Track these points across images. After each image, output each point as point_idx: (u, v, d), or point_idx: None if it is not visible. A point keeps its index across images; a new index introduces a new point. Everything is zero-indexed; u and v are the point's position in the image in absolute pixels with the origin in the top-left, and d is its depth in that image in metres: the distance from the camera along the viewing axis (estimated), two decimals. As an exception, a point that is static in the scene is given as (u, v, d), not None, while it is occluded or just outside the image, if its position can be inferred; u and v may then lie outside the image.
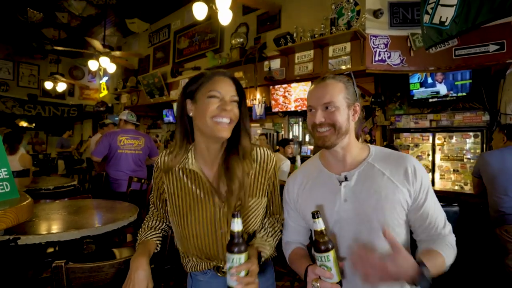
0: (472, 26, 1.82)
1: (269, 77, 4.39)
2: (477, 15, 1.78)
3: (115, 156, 3.18)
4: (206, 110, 0.88)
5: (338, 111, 0.90)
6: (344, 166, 0.95)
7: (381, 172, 0.90)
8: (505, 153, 2.41)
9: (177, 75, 6.21)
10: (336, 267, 0.78)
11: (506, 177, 2.31)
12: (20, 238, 1.22)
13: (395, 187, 0.88)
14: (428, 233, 0.91)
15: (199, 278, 1.03)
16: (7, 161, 1.09)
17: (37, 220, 1.55)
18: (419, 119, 4.09)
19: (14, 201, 1.02)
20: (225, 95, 0.90)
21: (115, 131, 3.35)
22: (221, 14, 2.92)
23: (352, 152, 0.95)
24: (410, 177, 0.88)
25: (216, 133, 0.88)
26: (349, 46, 3.62)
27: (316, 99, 0.92)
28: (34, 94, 9.11)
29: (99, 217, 1.80)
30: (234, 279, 0.78)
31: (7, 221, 0.89)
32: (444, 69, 3.44)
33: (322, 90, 0.92)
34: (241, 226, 0.80)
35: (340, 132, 0.90)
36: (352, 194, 0.90)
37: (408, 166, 0.89)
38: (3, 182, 1.05)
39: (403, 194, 0.88)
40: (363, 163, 0.93)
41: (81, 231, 1.38)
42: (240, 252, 0.78)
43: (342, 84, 0.93)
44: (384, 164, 0.92)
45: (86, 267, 0.88)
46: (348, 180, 0.91)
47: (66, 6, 5.69)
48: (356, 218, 0.88)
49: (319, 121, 0.90)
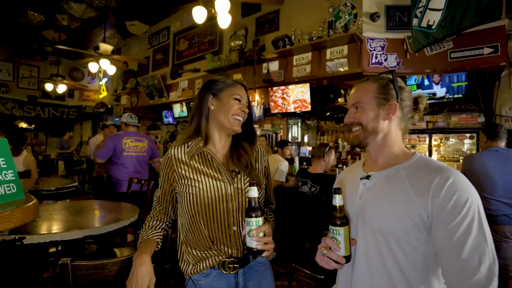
0: (457, 30, 1.87)
1: (268, 79, 4.43)
2: (462, 19, 1.82)
3: (121, 158, 3.24)
4: (231, 109, 1.07)
5: (364, 111, 0.90)
6: (376, 166, 0.94)
7: (403, 179, 0.83)
8: (484, 157, 2.42)
9: (176, 77, 6.25)
10: (346, 243, 0.82)
11: (490, 181, 2.33)
12: (25, 237, 1.26)
13: (408, 196, 0.80)
14: (460, 281, 0.71)
15: (201, 282, 1.04)
16: (13, 163, 1.13)
17: (41, 221, 1.59)
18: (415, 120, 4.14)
19: (20, 201, 1.07)
20: (243, 99, 1.11)
21: (119, 133, 3.42)
22: (220, 17, 2.96)
23: (386, 154, 0.92)
24: (433, 189, 0.76)
25: (233, 127, 1.08)
26: (347, 48, 3.67)
27: (349, 100, 0.97)
28: (33, 96, 9.13)
29: (101, 217, 1.84)
30: (254, 240, 0.88)
31: (15, 221, 0.92)
32: (439, 72, 3.50)
33: (354, 91, 0.95)
34: (257, 193, 0.90)
35: (367, 131, 0.90)
36: (367, 193, 0.90)
37: (439, 177, 0.76)
38: (9, 183, 1.09)
39: (416, 207, 0.77)
40: (393, 167, 0.88)
41: (84, 231, 1.42)
42: (257, 216, 0.89)
43: (375, 84, 0.92)
44: (413, 173, 0.83)
45: (90, 264, 0.93)
46: (370, 180, 0.91)
47: (66, 8, 5.73)
48: (364, 217, 0.88)
49: (348, 120, 0.94)
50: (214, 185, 1.04)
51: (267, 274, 1.15)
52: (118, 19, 6.67)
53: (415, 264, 0.79)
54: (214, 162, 1.07)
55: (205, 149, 1.08)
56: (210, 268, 1.03)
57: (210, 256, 1.03)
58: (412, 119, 0.95)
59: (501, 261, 2.26)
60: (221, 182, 1.04)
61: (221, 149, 1.13)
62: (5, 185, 1.07)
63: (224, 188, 1.04)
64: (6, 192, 1.07)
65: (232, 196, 1.04)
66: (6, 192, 1.07)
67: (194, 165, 1.06)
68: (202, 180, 1.04)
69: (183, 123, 7.45)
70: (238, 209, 1.04)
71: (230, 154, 1.12)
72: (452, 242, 0.72)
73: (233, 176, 1.07)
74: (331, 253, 0.83)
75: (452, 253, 0.72)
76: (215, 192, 1.03)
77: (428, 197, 0.76)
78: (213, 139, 1.12)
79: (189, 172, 1.05)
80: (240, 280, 1.06)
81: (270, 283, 1.16)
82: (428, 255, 0.79)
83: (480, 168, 2.41)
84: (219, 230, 1.03)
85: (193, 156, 1.07)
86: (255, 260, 1.10)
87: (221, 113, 1.08)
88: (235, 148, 1.13)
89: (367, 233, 0.86)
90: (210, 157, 1.08)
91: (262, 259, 1.13)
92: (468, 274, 0.70)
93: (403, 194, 0.80)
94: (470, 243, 0.71)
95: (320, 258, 0.86)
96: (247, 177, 1.08)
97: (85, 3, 5.61)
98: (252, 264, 1.10)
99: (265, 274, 1.13)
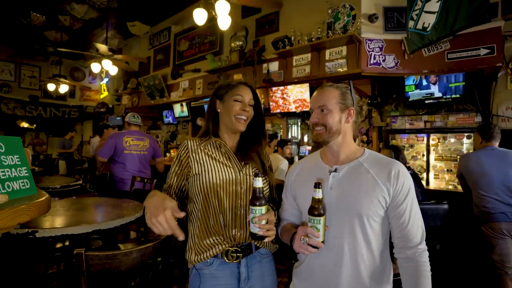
0: (450, 32, 1.93)
1: (268, 79, 4.49)
2: (454, 22, 1.88)
3: (122, 156, 3.30)
4: (232, 109, 1.15)
5: (330, 114, 1.05)
6: (337, 161, 1.09)
7: (367, 170, 1.02)
8: (480, 156, 2.46)
9: (177, 77, 6.31)
10: (323, 231, 0.94)
11: (487, 179, 2.37)
12: (37, 231, 1.32)
13: (376, 183, 0.99)
14: (405, 244, 0.99)
15: (204, 271, 1.07)
16: (27, 161, 1.20)
17: (50, 216, 1.65)
18: (414, 120, 4.20)
19: (33, 196, 1.13)
20: (245, 98, 1.18)
21: (121, 132, 3.50)
22: (220, 19, 3.02)
23: (345, 150, 1.09)
24: (392, 177, 0.99)
25: (236, 127, 1.16)
26: (345, 49, 3.72)
27: (314, 102, 1.11)
28: (35, 96, 9.19)
29: (108, 213, 1.90)
30: (257, 226, 0.94)
31: (31, 214, 0.98)
32: (437, 72, 3.55)
33: (320, 95, 1.10)
34: (261, 183, 0.96)
35: (332, 132, 1.05)
36: (337, 184, 1.03)
37: (393, 168, 1.00)
38: (24, 179, 1.15)
39: (382, 191, 0.98)
40: (354, 161, 1.06)
41: (93, 225, 1.48)
42: (261, 205, 0.95)
43: (337, 91, 1.08)
44: (372, 165, 1.04)
45: (102, 254, 0.98)
46: (337, 172, 1.05)
47: (68, 9, 5.78)
48: (338, 205, 1.00)
49: (313, 121, 1.09)
50: (225, 170, 1.12)
51: (269, 266, 1.18)
52: (119, 19, 6.72)
53: (379, 238, 1.00)
54: (223, 149, 1.17)
55: (216, 139, 1.18)
56: (213, 257, 1.07)
57: (216, 245, 1.07)
58: (358, 121, 1.13)
59: (497, 257, 2.32)
60: (231, 168, 1.14)
61: (230, 143, 1.21)
62: (19, 181, 1.14)
63: (234, 173, 1.13)
64: (21, 188, 1.13)
65: (241, 181, 1.13)
66: (21, 188, 1.13)
67: (207, 153, 1.15)
68: (214, 164, 1.13)
69: (183, 123, 7.50)
70: (245, 192, 1.12)
71: (238, 149, 1.21)
72: (402, 217, 0.98)
73: (241, 165, 1.16)
74: (312, 240, 0.93)
75: (401, 225, 0.98)
76: (226, 175, 1.12)
77: (390, 183, 0.98)
78: (222, 138, 1.21)
79: (202, 158, 1.14)
80: (243, 270, 1.09)
81: (272, 276, 1.19)
82: (385, 228, 1.03)
83: (477, 166, 2.46)
84: (228, 210, 1.09)
85: (206, 146, 1.17)
86: (258, 251, 1.14)
87: (226, 115, 1.18)
88: (244, 143, 1.22)
89: (342, 218, 1.00)
90: (219, 144, 1.17)
91: (265, 250, 1.17)
92: (411, 238, 0.98)
93: (371, 182, 0.99)
94: (413, 217, 0.99)
95: (299, 245, 0.96)
96: (255, 167, 1.16)
97: (87, 4, 5.67)
98: (255, 254, 1.13)
99: (267, 265, 1.17)
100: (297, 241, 0.97)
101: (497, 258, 2.32)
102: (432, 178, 4.04)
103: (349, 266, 0.98)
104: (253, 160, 1.17)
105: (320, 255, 1.00)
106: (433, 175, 4.04)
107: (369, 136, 4.63)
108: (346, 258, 0.98)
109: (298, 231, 0.98)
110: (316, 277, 1.04)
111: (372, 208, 0.97)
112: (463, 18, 1.80)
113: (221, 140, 1.18)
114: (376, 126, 4.48)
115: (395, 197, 0.99)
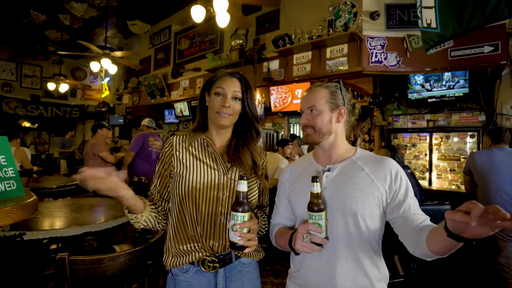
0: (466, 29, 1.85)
1: (268, 78, 4.44)
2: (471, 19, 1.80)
3: (147, 152, 4.04)
4: (212, 105, 1.07)
5: (319, 115, 1.03)
6: (330, 160, 1.07)
7: (361, 168, 1.01)
8: (492, 152, 2.45)
9: (177, 76, 6.28)
10: (325, 226, 0.88)
11: (496, 177, 2.34)
12: (25, 233, 1.29)
13: (371, 181, 0.97)
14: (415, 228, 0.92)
15: (179, 277, 1.01)
16: (14, 161, 1.16)
17: (41, 217, 1.62)
18: (416, 119, 4.13)
19: (20, 198, 1.09)
20: (228, 92, 1.06)
21: (146, 133, 4.24)
22: (219, 16, 2.98)
23: (338, 149, 1.07)
24: (388, 177, 0.97)
25: (219, 122, 1.05)
26: (346, 47, 3.67)
27: (303, 103, 1.08)
28: (36, 95, 9.20)
29: (101, 214, 1.87)
30: (237, 235, 0.86)
31: (15, 217, 0.95)
32: (440, 70, 3.49)
33: (309, 95, 1.07)
34: (246, 187, 0.88)
35: (321, 133, 1.03)
36: (332, 183, 1.01)
37: (391, 168, 0.99)
38: (10, 180, 1.12)
39: (378, 190, 0.96)
40: (347, 160, 1.05)
41: (83, 227, 1.44)
42: (244, 211, 0.86)
43: (326, 90, 1.05)
44: (366, 163, 1.02)
45: (87, 259, 0.94)
46: (331, 172, 1.03)
47: (68, 8, 5.77)
48: (332, 204, 0.97)
49: (303, 123, 1.06)
50: (207, 173, 1.03)
51: (252, 275, 1.09)
52: (119, 18, 6.71)
53: (374, 236, 0.98)
54: (210, 149, 1.08)
55: (203, 136, 1.10)
56: (189, 264, 1.00)
57: (192, 251, 1.00)
58: (351, 120, 1.10)
59: (503, 261, 2.27)
60: (215, 171, 1.04)
61: (219, 141, 1.12)
62: (5, 182, 1.10)
63: (218, 177, 1.03)
64: (6, 189, 1.10)
65: (224, 186, 1.03)
66: (6, 189, 1.10)
67: (192, 152, 1.07)
68: (197, 165, 1.04)
69: (184, 122, 7.48)
70: (228, 199, 1.02)
71: (228, 147, 1.10)
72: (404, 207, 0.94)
73: (228, 167, 1.06)
74: (315, 237, 0.87)
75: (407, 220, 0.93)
76: (208, 179, 1.02)
77: (385, 180, 0.97)
78: (211, 132, 1.13)
79: (185, 157, 1.06)
80: (220, 281, 1.01)
81: (255, 285, 1.10)
82: (382, 227, 1.01)
83: (486, 162, 2.43)
84: (206, 218, 1.00)
85: (192, 143, 1.09)
86: (239, 261, 1.06)
87: (210, 110, 1.09)
88: (235, 142, 1.11)
89: (336, 217, 0.97)
90: (207, 143, 1.09)
91: (248, 260, 1.08)
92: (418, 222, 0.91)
93: (367, 180, 0.98)
94: (413, 206, 0.95)
95: (302, 244, 0.89)
96: (242, 170, 1.05)
97: (87, 2, 5.65)
98: (235, 264, 1.05)
99: (249, 275, 1.08)
100: (299, 241, 0.90)
101: (504, 261, 2.26)
102: (434, 178, 3.97)
103: (344, 266, 0.95)
104: (242, 163, 1.05)
105: (315, 255, 0.96)
106: (436, 175, 3.97)
107: (371, 136, 4.57)
108: (342, 259, 0.96)
109: (298, 230, 0.90)
110: (312, 277, 1.01)
111: (367, 206, 0.95)
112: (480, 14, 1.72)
113: (208, 139, 1.09)
114: (378, 125, 4.42)
115: (392, 191, 0.97)
